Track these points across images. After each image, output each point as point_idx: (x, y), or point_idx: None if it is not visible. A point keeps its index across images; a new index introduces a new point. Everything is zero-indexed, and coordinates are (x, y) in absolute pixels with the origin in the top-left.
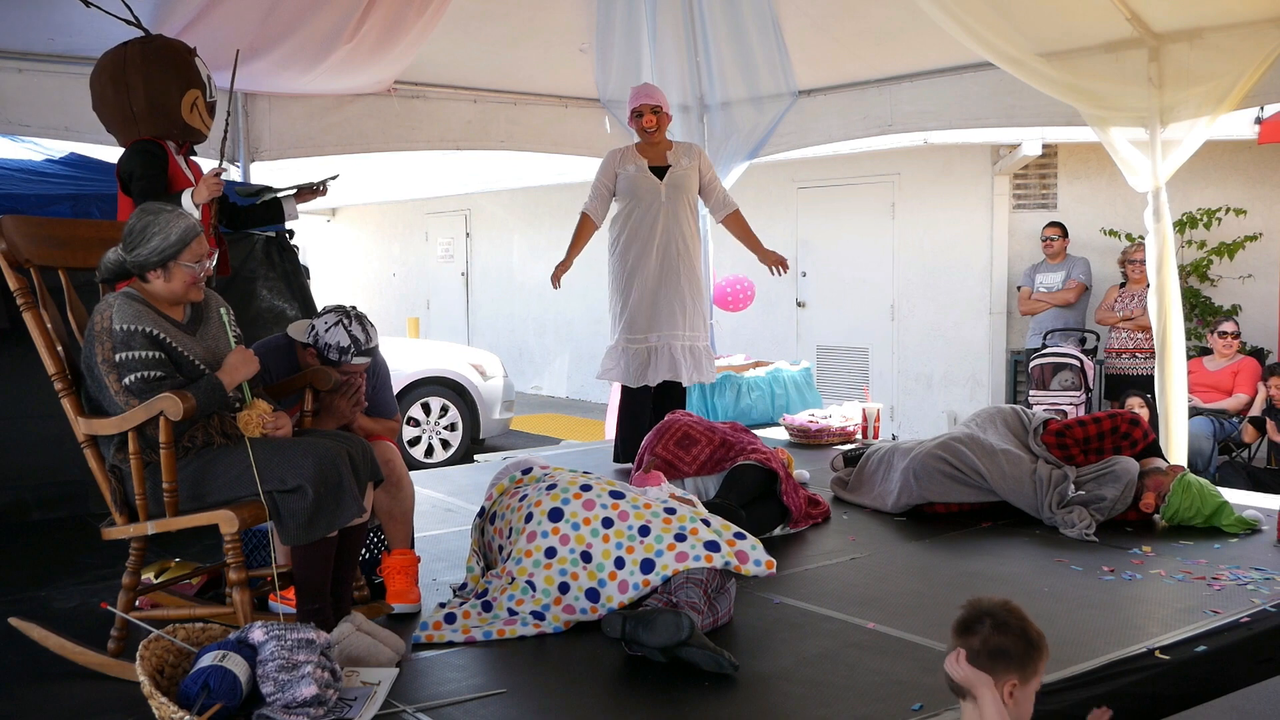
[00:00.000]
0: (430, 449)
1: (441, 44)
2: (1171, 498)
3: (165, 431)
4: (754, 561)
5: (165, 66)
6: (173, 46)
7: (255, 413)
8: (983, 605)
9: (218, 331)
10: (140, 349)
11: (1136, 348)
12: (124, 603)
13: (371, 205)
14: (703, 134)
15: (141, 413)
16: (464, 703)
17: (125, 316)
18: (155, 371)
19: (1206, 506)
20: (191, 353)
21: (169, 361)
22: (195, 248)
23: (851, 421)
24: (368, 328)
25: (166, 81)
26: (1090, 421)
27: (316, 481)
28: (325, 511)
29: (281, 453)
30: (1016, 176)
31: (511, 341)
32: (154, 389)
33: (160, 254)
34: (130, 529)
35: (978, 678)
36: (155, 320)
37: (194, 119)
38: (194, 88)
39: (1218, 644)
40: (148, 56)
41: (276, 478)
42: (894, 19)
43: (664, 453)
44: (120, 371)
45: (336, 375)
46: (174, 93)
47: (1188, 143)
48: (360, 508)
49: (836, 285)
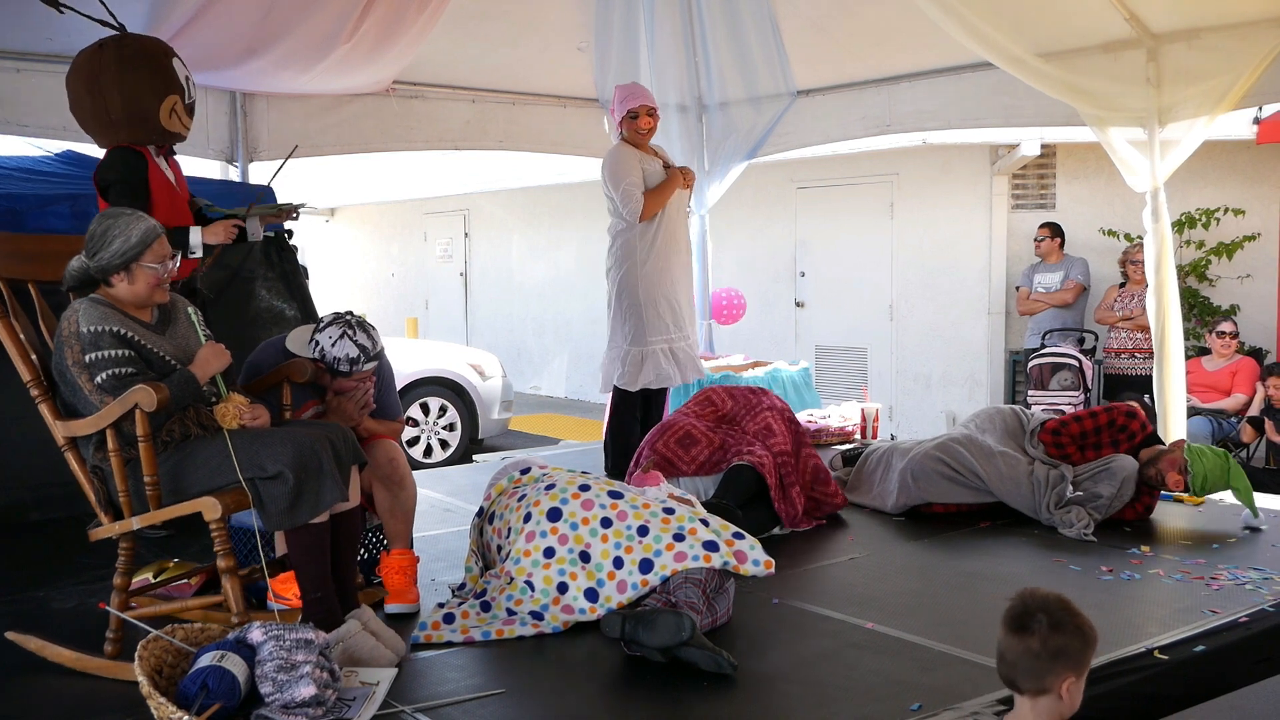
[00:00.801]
0: (429, 449)
1: (440, 44)
2: (1194, 466)
3: (142, 424)
4: (752, 561)
5: (141, 74)
6: (149, 51)
7: (231, 405)
8: (1036, 600)
9: (186, 331)
10: (109, 348)
11: (1136, 348)
12: (118, 603)
13: (370, 205)
14: (701, 134)
15: (117, 408)
16: (463, 703)
17: (91, 319)
18: (126, 368)
19: (1225, 461)
20: (162, 350)
21: (139, 359)
22: (157, 248)
23: (850, 421)
24: (371, 333)
25: (143, 89)
26: (1086, 417)
27: (296, 467)
28: (307, 496)
29: (260, 440)
30: (1015, 176)
31: (510, 341)
32: (126, 385)
33: (122, 256)
34: (116, 527)
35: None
36: (121, 320)
37: (173, 123)
38: (172, 93)
39: (1216, 644)
40: (123, 63)
41: (256, 465)
42: (892, 19)
43: (664, 449)
44: (91, 371)
45: (311, 366)
46: (152, 100)
47: (1186, 143)
48: (342, 492)
49: (835, 285)
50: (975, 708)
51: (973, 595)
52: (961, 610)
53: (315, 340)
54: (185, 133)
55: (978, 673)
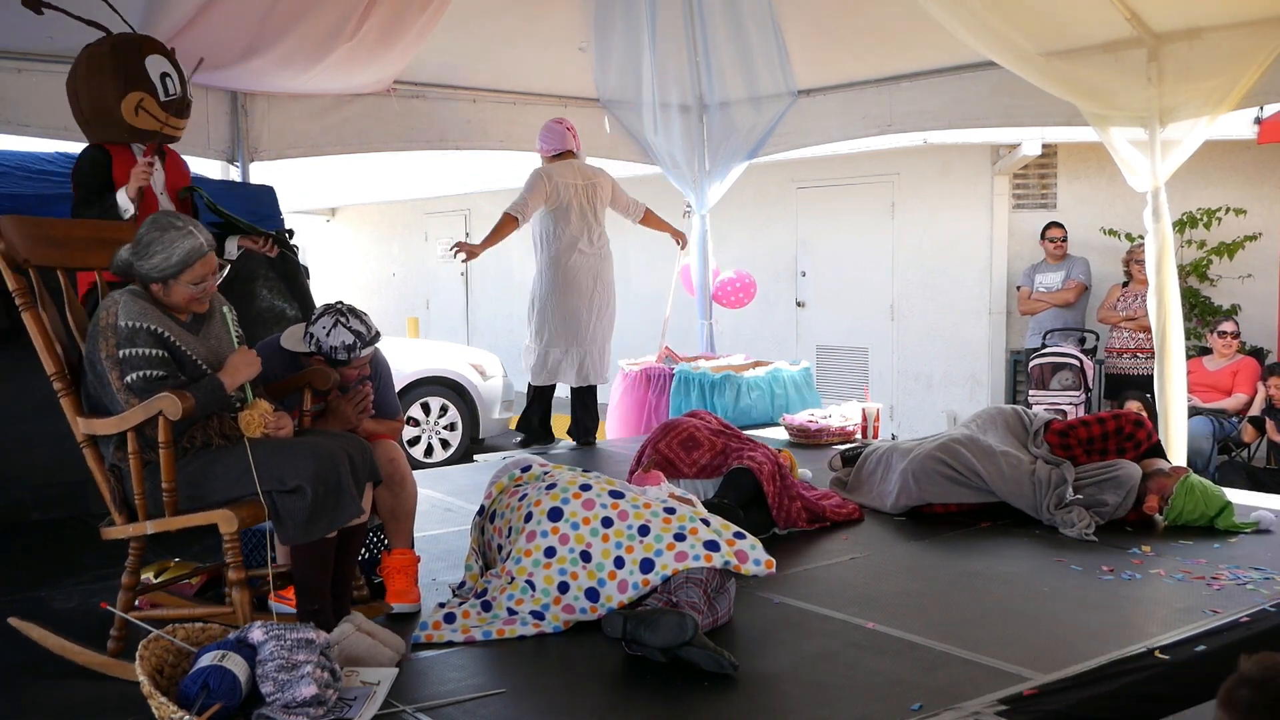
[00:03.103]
0: (430, 449)
1: (441, 44)
2: (1175, 500)
3: (164, 431)
4: (753, 561)
5: (103, 71)
6: (119, 47)
7: (256, 413)
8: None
9: (220, 331)
10: (144, 346)
11: (1138, 347)
12: (123, 602)
13: (371, 205)
14: (702, 134)
15: (140, 413)
16: (464, 702)
17: (131, 313)
18: (157, 371)
19: (1210, 508)
20: (194, 352)
21: (172, 360)
22: (198, 269)
23: (851, 421)
24: (364, 319)
25: (103, 87)
26: (1094, 422)
27: (315, 482)
28: (324, 512)
29: (281, 453)
30: (1016, 176)
31: (511, 341)
32: (155, 388)
33: (160, 272)
34: (130, 529)
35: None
36: (160, 318)
37: (144, 121)
38: (135, 90)
39: (1217, 644)
40: (90, 63)
41: (275, 478)
42: (894, 19)
43: (666, 450)
44: (123, 368)
45: (336, 374)
46: (111, 97)
47: (1187, 143)
48: (359, 508)
49: (836, 285)
50: (976, 708)
51: (974, 595)
52: (962, 610)
53: (310, 333)
54: (170, 130)
55: (978, 673)
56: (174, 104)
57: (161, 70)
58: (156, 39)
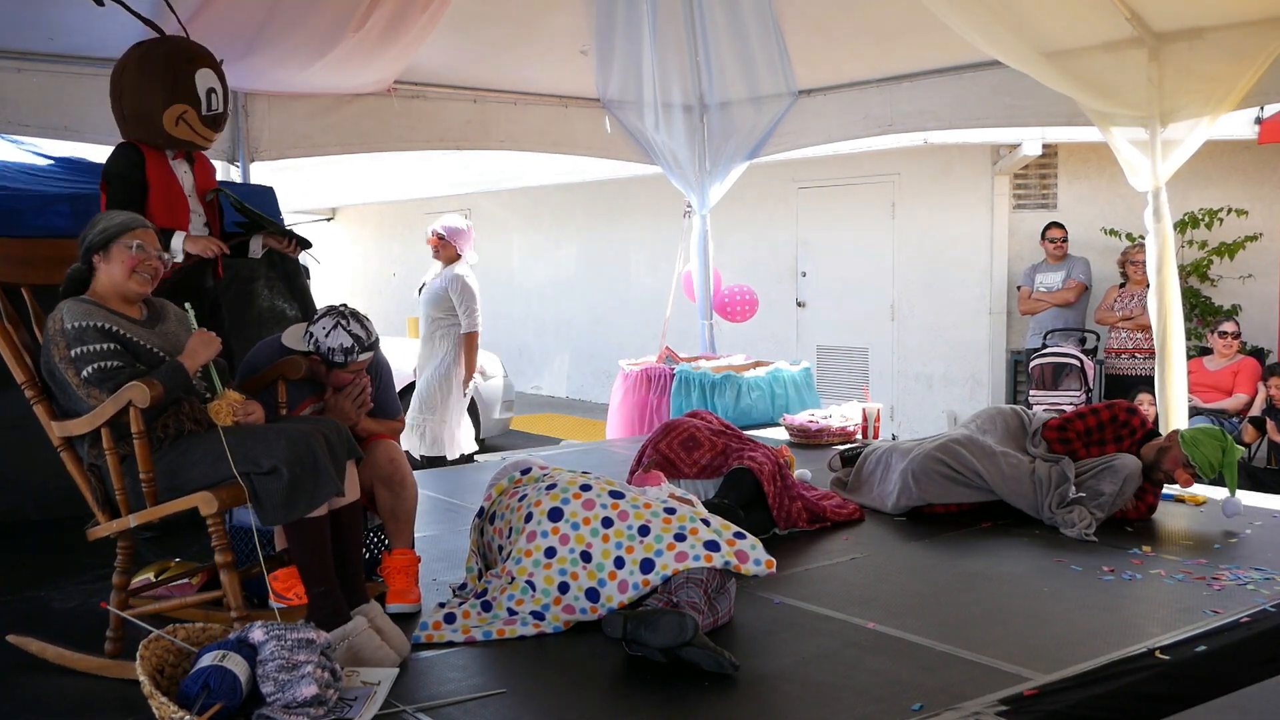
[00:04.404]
0: None
1: (442, 44)
2: (1195, 458)
3: (136, 421)
4: (754, 561)
5: (154, 77)
6: (173, 55)
7: (225, 402)
8: None
9: (176, 327)
10: (94, 342)
11: (1136, 348)
12: (117, 602)
13: (371, 205)
14: (703, 133)
15: (111, 406)
16: (464, 703)
17: (75, 315)
18: (112, 361)
19: (1217, 439)
20: (149, 343)
21: (125, 352)
22: (139, 233)
23: (851, 421)
24: (365, 324)
25: (152, 93)
26: (1089, 413)
27: (291, 462)
28: (303, 490)
29: (254, 436)
30: (1017, 176)
31: (511, 341)
32: (112, 378)
33: (102, 234)
34: (113, 525)
35: None
36: (106, 316)
37: (181, 131)
38: (180, 102)
39: (1218, 644)
40: (142, 64)
41: (251, 460)
42: (894, 19)
43: (667, 450)
44: (77, 366)
45: (305, 363)
46: (156, 104)
47: (1188, 143)
48: (338, 486)
49: (836, 285)
50: (976, 708)
51: (974, 595)
52: (963, 610)
53: (310, 333)
54: (201, 141)
55: (979, 673)
56: (213, 119)
57: (209, 85)
58: (210, 51)
